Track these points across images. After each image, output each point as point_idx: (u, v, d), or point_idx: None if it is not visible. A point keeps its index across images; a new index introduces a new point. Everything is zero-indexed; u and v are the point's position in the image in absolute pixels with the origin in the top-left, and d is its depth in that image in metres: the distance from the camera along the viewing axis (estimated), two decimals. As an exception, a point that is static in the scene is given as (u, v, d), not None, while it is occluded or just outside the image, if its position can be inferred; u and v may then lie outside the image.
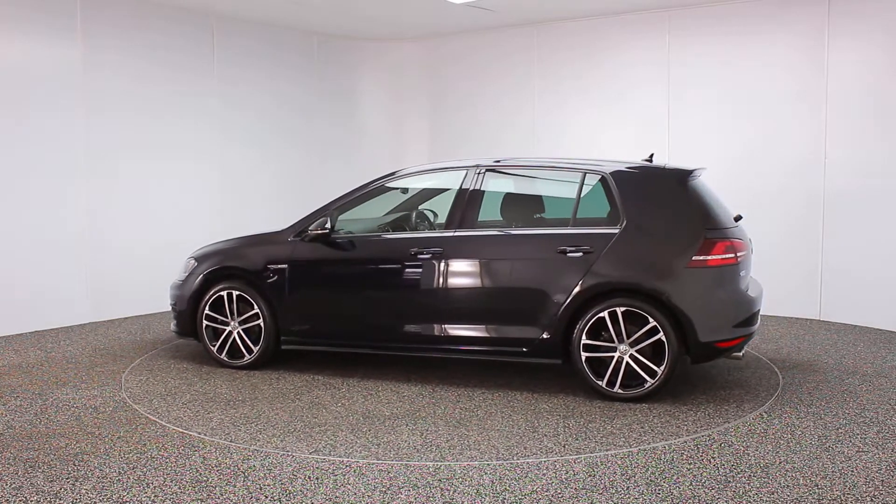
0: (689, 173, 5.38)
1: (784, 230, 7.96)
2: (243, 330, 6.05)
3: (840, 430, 4.61)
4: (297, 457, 4.22)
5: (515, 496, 3.72)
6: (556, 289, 5.24)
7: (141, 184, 8.24)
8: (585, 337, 5.17)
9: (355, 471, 4.03)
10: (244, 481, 3.89)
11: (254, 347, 6.03)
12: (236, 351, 6.11)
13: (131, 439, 4.50)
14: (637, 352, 5.09)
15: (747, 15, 8.07)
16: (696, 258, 5.06)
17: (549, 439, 4.48)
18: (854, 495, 3.70)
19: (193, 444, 4.42)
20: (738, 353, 5.28)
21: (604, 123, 8.98)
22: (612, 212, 5.31)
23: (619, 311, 5.10)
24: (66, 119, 7.61)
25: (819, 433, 4.57)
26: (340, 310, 5.90)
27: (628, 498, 3.69)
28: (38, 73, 7.40)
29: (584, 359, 5.19)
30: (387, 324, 5.74)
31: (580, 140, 9.04)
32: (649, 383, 5.07)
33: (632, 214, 5.23)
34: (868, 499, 3.66)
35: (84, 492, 3.77)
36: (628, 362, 5.10)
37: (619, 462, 4.14)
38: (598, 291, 5.16)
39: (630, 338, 5.09)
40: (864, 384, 5.58)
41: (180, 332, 6.35)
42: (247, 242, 6.26)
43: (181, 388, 5.64)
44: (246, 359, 6.07)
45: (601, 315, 5.13)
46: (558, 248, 5.28)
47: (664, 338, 5.02)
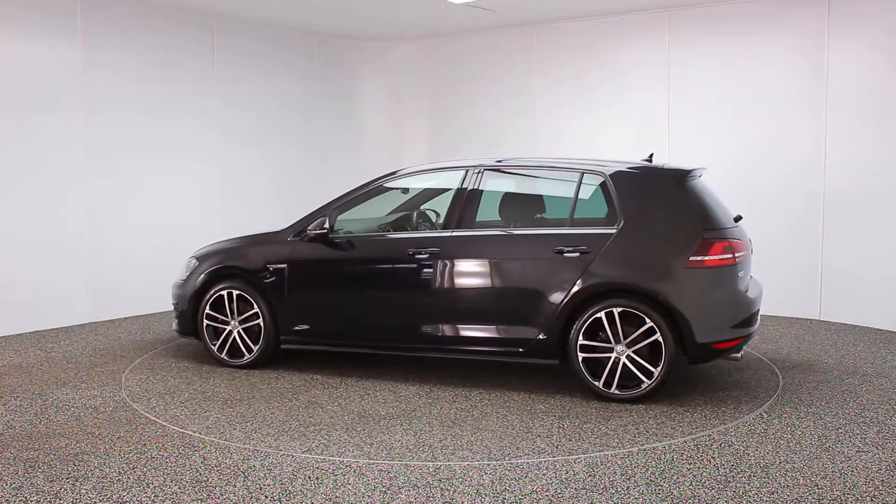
0: (687, 173, 5.36)
1: (784, 230, 7.96)
2: (243, 329, 6.07)
3: (840, 430, 4.61)
4: (294, 456, 4.22)
5: (515, 496, 3.72)
6: (553, 289, 5.23)
7: (141, 184, 8.24)
8: (582, 337, 5.16)
9: (355, 471, 4.03)
10: (244, 481, 3.89)
11: (254, 347, 6.05)
12: (236, 350, 6.13)
13: (131, 439, 4.50)
14: (634, 352, 5.07)
15: (747, 15, 8.07)
16: (693, 258, 5.04)
17: (542, 440, 4.48)
18: (854, 495, 3.70)
19: (193, 444, 4.42)
20: (737, 354, 5.26)
21: (604, 123, 8.98)
22: (610, 212, 5.31)
23: (616, 311, 5.08)
24: (66, 119, 7.61)
25: (819, 433, 4.57)
26: (339, 310, 5.90)
27: (628, 498, 3.69)
28: (38, 73, 7.40)
29: (580, 359, 5.18)
30: (385, 324, 5.75)
31: (580, 140, 9.04)
32: (646, 384, 5.06)
33: (629, 214, 5.21)
34: (868, 499, 3.66)
35: (84, 492, 3.77)
36: (625, 363, 5.09)
37: (619, 462, 4.14)
38: (595, 292, 5.15)
39: (627, 338, 5.08)
40: (864, 384, 5.58)
41: (182, 331, 6.37)
42: (247, 242, 6.27)
43: (180, 386, 5.64)
44: (246, 358, 6.08)
45: (598, 315, 5.13)
46: (555, 249, 5.27)
47: (661, 338, 5.01)
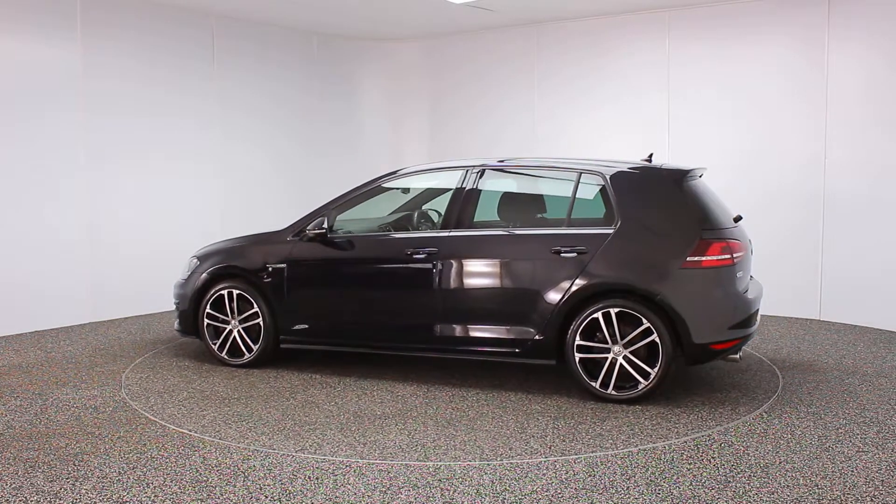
0: (685, 173, 5.34)
1: (784, 230, 7.96)
2: (243, 329, 6.08)
3: (840, 430, 4.61)
4: (294, 456, 4.22)
5: (515, 496, 3.72)
6: (550, 289, 5.22)
7: (141, 184, 8.24)
8: (579, 338, 5.15)
9: (355, 471, 4.03)
10: (244, 481, 3.89)
11: (253, 346, 6.06)
12: (237, 350, 6.14)
13: (131, 439, 4.50)
14: (631, 353, 5.05)
15: (747, 15, 8.07)
16: (690, 259, 5.01)
17: (536, 440, 4.47)
18: (854, 495, 3.70)
19: (193, 444, 4.42)
20: (735, 356, 5.22)
21: (604, 123, 8.98)
22: (608, 212, 5.29)
23: (613, 311, 5.06)
24: (66, 119, 7.61)
25: (819, 433, 4.57)
26: (337, 309, 5.91)
27: (628, 498, 3.69)
28: (38, 73, 7.40)
29: (577, 360, 5.16)
30: (382, 324, 5.76)
31: (580, 140, 9.04)
32: (643, 385, 5.04)
33: (627, 215, 5.19)
34: (868, 499, 3.66)
35: (84, 492, 3.77)
36: (622, 364, 5.07)
37: (619, 462, 4.14)
38: (592, 292, 5.13)
39: (624, 339, 5.06)
40: (864, 384, 5.58)
41: (183, 330, 6.38)
42: (247, 242, 6.28)
43: (180, 385, 5.65)
44: (246, 357, 6.10)
45: (595, 316, 5.11)
46: (552, 249, 5.26)
47: (658, 339, 4.98)
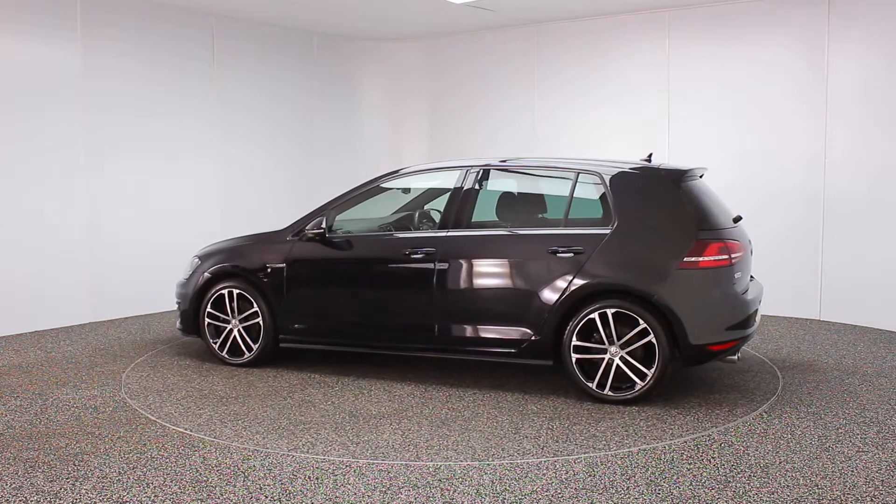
0: (683, 173, 5.32)
1: (784, 230, 7.96)
2: (244, 328, 6.09)
3: (840, 430, 4.61)
4: (294, 456, 4.22)
5: (515, 496, 3.72)
6: (547, 289, 5.21)
7: (141, 184, 8.24)
8: (576, 338, 5.13)
9: (355, 471, 4.03)
10: (244, 481, 3.89)
11: (254, 346, 6.07)
12: (237, 349, 6.15)
13: (131, 439, 4.50)
14: (628, 354, 5.03)
15: (747, 15, 8.07)
16: (687, 259, 4.99)
17: (528, 441, 4.46)
18: (854, 495, 3.70)
19: (193, 444, 4.42)
20: (733, 357, 5.19)
21: (604, 123, 8.98)
22: (605, 212, 5.27)
23: (609, 312, 5.04)
24: (66, 119, 7.61)
25: (819, 433, 4.57)
26: (336, 309, 5.91)
27: (628, 498, 3.69)
28: (38, 73, 7.40)
29: (574, 360, 5.15)
30: (380, 323, 5.76)
31: (580, 140, 9.04)
32: (639, 386, 5.02)
33: (624, 215, 5.17)
34: (868, 499, 3.66)
35: (84, 492, 3.77)
36: (619, 364, 5.05)
37: (619, 462, 4.14)
38: (589, 292, 5.11)
39: (621, 340, 5.04)
40: (864, 384, 5.58)
41: (185, 329, 6.40)
42: (248, 242, 6.29)
43: (179, 384, 5.67)
44: (245, 357, 6.11)
45: (592, 316, 5.09)
46: (549, 249, 5.24)
47: (654, 340, 4.96)
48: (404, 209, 6.47)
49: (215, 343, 6.20)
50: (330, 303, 5.94)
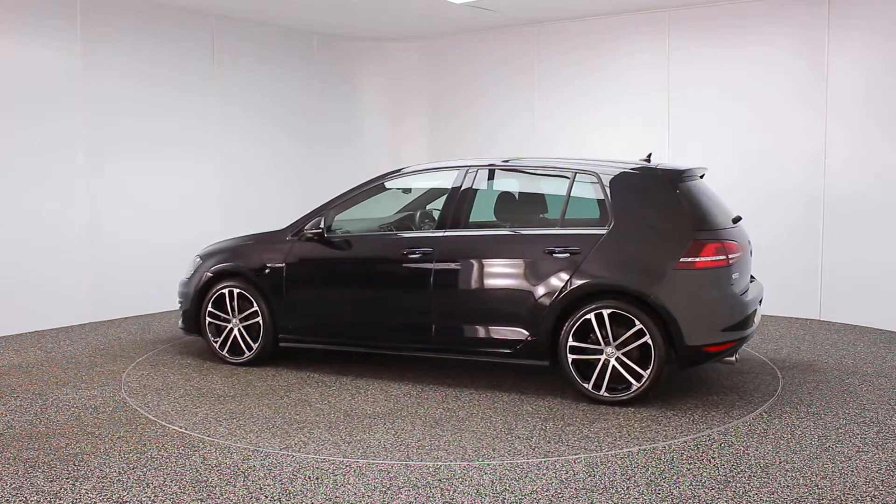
0: (681, 174, 5.29)
1: (784, 230, 7.96)
2: (244, 327, 6.11)
3: (840, 430, 4.61)
4: (295, 456, 4.22)
5: (515, 496, 3.72)
6: (543, 290, 5.19)
7: (141, 184, 8.24)
8: (572, 339, 5.11)
9: (355, 471, 4.03)
10: (244, 481, 3.89)
11: (254, 345, 6.08)
12: (237, 348, 6.17)
13: (131, 439, 4.50)
14: (623, 355, 5.01)
15: (747, 15, 8.07)
16: (683, 260, 4.96)
17: (520, 442, 4.45)
18: (854, 495, 3.70)
19: (193, 444, 4.42)
20: (731, 358, 5.15)
21: (604, 123, 8.98)
22: (602, 212, 5.24)
23: (605, 312, 5.02)
24: (66, 119, 7.60)
25: (819, 433, 4.57)
26: (334, 308, 5.92)
27: (628, 498, 3.69)
28: (38, 73, 7.40)
29: (570, 361, 5.13)
30: (378, 323, 5.76)
31: (580, 140, 9.04)
32: (635, 387, 4.99)
33: (620, 215, 5.15)
34: (868, 499, 3.66)
35: (84, 492, 3.78)
36: (615, 365, 5.02)
37: (619, 462, 4.14)
38: (585, 293, 5.09)
39: (617, 340, 5.01)
40: (864, 384, 5.58)
41: (186, 328, 6.42)
42: (248, 241, 6.32)
43: (178, 383, 5.68)
44: (246, 356, 6.13)
45: (588, 317, 5.07)
46: (545, 249, 5.23)
47: (650, 341, 4.93)
48: (405, 209, 6.47)
49: (216, 342, 6.23)
50: (328, 302, 5.95)
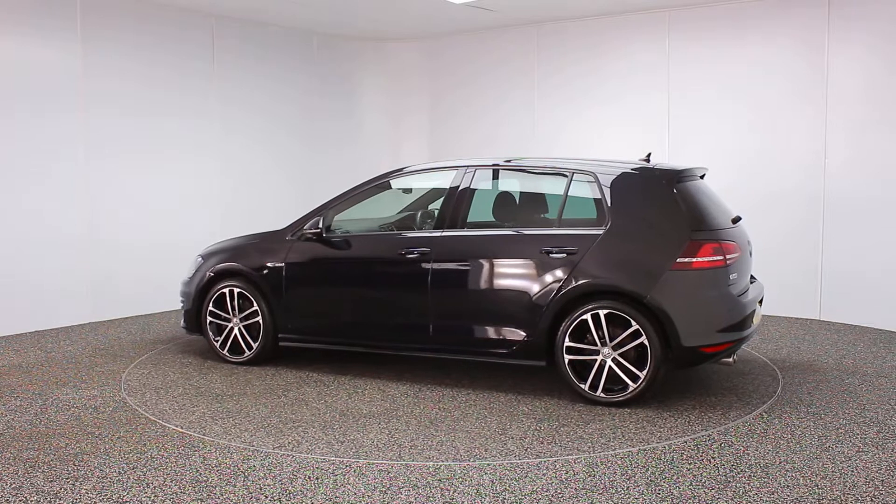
0: (678, 174, 5.26)
1: (784, 230, 7.96)
2: (244, 327, 6.13)
3: (840, 430, 4.61)
4: (294, 456, 4.22)
5: (515, 496, 3.72)
6: (540, 290, 5.18)
7: (141, 184, 8.24)
8: (569, 339, 5.09)
9: (355, 471, 4.03)
10: (244, 481, 3.89)
11: (254, 344, 6.09)
12: (238, 347, 6.19)
13: (131, 439, 4.50)
14: (620, 355, 4.99)
15: (747, 15, 8.07)
16: (680, 260, 4.93)
17: (514, 442, 4.44)
18: (854, 495, 3.70)
19: (193, 444, 4.42)
20: (729, 359, 5.13)
21: (604, 123, 8.97)
22: (599, 212, 5.22)
23: (602, 313, 5.01)
24: (66, 119, 7.60)
25: (819, 433, 4.57)
26: (332, 308, 5.93)
27: (628, 498, 3.69)
28: (38, 73, 7.40)
29: (566, 361, 5.12)
30: (376, 323, 5.77)
31: (580, 140, 9.04)
32: (631, 388, 4.97)
33: (617, 215, 5.13)
34: (868, 499, 3.66)
35: (84, 492, 3.78)
36: (611, 366, 5.00)
37: (619, 462, 4.14)
38: (581, 293, 5.07)
39: (613, 341, 4.99)
40: (864, 384, 5.58)
41: (188, 328, 6.43)
42: (249, 241, 6.33)
43: (178, 382, 5.70)
44: (246, 355, 6.15)
45: (584, 317, 5.05)
46: (542, 249, 5.22)
47: (647, 342, 4.91)
48: (407, 209, 6.47)
49: (217, 341, 6.24)
50: (326, 302, 5.96)
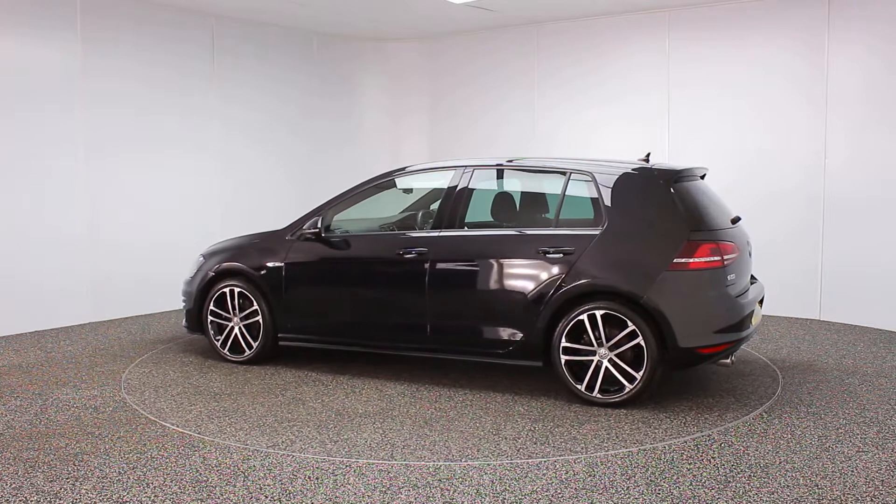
0: (677, 173, 5.24)
1: (784, 230, 7.96)
2: (245, 326, 6.14)
3: (840, 430, 4.61)
4: (295, 456, 4.22)
5: (515, 496, 3.72)
6: (537, 290, 5.17)
7: (141, 184, 8.24)
8: (565, 340, 5.08)
9: (355, 471, 4.03)
10: (244, 481, 3.89)
11: (254, 343, 6.11)
12: (238, 346, 6.20)
13: (131, 439, 4.50)
14: (616, 356, 4.97)
15: (747, 15, 8.07)
16: (677, 260, 4.91)
17: (507, 443, 4.44)
18: (854, 495, 3.70)
19: (193, 444, 4.42)
20: (726, 360, 5.12)
21: (603, 123, 8.97)
22: (596, 213, 5.20)
23: (598, 314, 4.99)
24: (66, 119, 7.60)
25: (819, 433, 4.57)
26: (331, 308, 5.94)
27: (628, 498, 3.69)
28: (38, 73, 7.40)
29: (563, 362, 5.10)
30: (374, 323, 5.77)
31: (579, 139, 9.04)
32: (628, 388, 4.96)
33: (615, 215, 5.11)
34: (868, 499, 3.66)
35: (84, 492, 3.78)
36: (607, 367, 4.99)
37: (619, 462, 4.14)
38: (578, 293, 5.05)
39: (610, 341, 4.98)
40: (864, 384, 5.58)
41: (190, 327, 6.45)
42: (249, 241, 6.35)
43: (177, 381, 5.71)
44: (246, 354, 6.17)
45: (581, 318, 5.03)
46: (539, 249, 5.21)
47: (643, 342, 4.89)
48: (408, 209, 6.48)
49: (217, 340, 6.26)
50: (325, 302, 5.97)
